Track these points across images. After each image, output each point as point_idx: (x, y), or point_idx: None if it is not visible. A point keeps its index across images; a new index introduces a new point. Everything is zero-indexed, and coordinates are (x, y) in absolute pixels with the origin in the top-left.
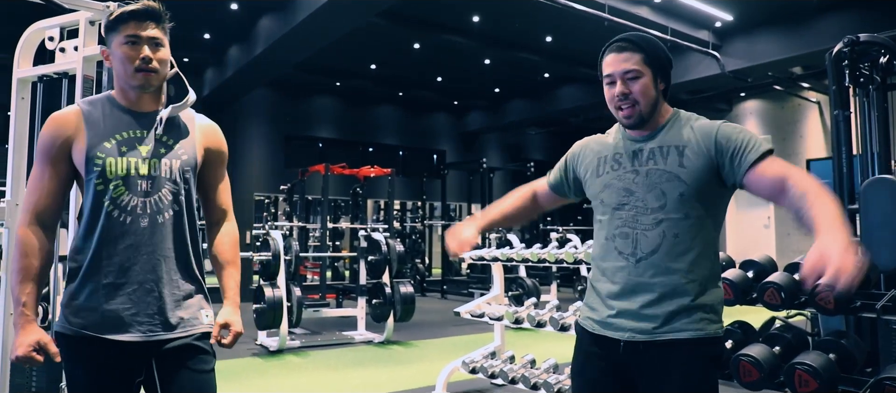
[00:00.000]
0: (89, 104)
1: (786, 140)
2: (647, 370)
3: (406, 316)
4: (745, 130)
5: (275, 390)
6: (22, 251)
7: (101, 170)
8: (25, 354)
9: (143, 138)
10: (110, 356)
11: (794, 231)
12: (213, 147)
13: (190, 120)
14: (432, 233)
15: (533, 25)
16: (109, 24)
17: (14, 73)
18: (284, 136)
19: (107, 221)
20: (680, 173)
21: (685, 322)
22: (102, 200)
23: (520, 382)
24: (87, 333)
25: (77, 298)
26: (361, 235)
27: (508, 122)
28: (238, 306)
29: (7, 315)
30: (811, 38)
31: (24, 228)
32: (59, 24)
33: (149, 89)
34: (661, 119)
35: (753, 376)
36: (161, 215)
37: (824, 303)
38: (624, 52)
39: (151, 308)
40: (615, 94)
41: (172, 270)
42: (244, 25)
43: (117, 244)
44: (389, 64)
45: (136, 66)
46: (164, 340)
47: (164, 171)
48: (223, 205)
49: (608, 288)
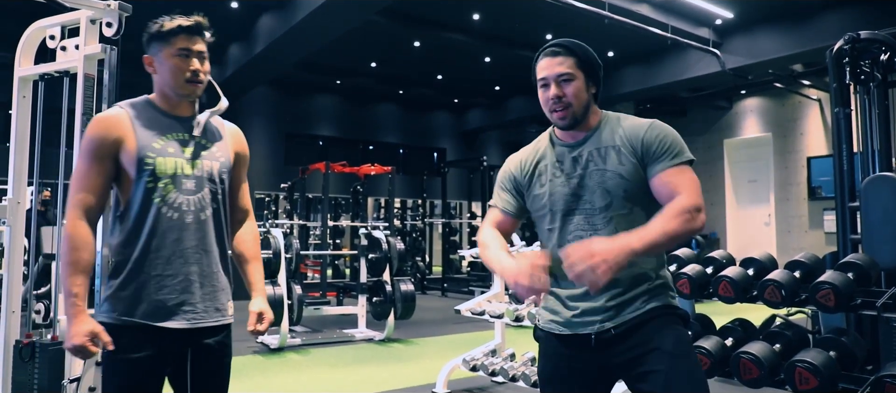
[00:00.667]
0: (133, 107)
1: (786, 138)
2: (622, 351)
3: (406, 314)
4: (668, 136)
5: (276, 388)
6: (72, 245)
7: (151, 169)
8: (81, 343)
9: (186, 140)
10: (153, 344)
11: (794, 229)
12: (241, 151)
13: (220, 124)
14: (433, 231)
15: (533, 23)
16: (160, 35)
17: (15, 71)
18: (285, 135)
19: (156, 217)
20: (621, 171)
21: (647, 300)
22: (152, 197)
23: (520, 380)
24: (135, 321)
25: (125, 289)
26: (362, 233)
27: (509, 120)
28: (266, 297)
29: (9, 313)
30: (812, 36)
31: (74, 223)
32: (60, 22)
33: (193, 98)
34: (594, 121)
35: (754, 374)
36: (203, 213)
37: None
38: (557, 56)
39: (194, 298)
40: (549, 97)
41: (213, 263)
42: (244, 24)
43: (165, 238)
44: (390, 62)
45: (186, 77)
46: (204, 328)
47: (205, 172)
48: (245, 205)
49: (569, 291)
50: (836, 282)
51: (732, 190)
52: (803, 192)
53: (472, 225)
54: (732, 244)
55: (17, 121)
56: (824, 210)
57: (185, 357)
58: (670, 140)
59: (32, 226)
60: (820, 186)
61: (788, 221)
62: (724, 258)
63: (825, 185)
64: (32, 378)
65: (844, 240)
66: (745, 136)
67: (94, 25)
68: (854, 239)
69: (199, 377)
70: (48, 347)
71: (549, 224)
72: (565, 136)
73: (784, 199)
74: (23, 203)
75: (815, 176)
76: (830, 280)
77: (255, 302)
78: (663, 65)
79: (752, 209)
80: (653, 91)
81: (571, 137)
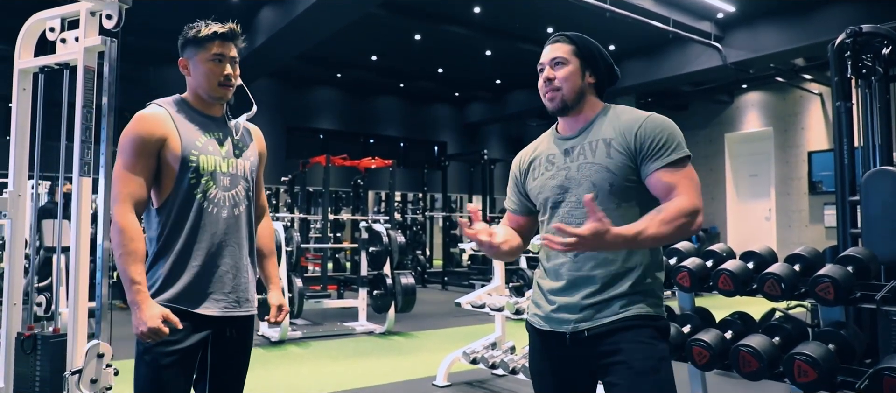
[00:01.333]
0: (171, 106)
1: (787, 132)
2: (595, 355)
3: (407, 307)
4: (663, 131)
5: (277, 381)
6: (128, 236)
7: (195, 166)
8: (156, 326)
9: (222, 139)
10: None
11: (795, 223)
12: (263, 151)
13: (247, 126)
14: (433, 224)
15: (534, 16)
16: (196, 41)
17: (15, 64)
18: (286, 128)
19: (198, 211)
20: (608, 165)
21: (625, 305)
22: (194, 192)
23: (520, 373)
24: (176, 305)
25: (169, 278)
26: (362, 226)
27: (510, 113)
28: (281, 290)
29: (11, 305)
30: (813, 30)
31: (125, 216)
32: (60, 14)
33: (224, 100)
34: (591, 113)
35: (753, 366)
36: (237, 208)
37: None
38: (556, 43)
39: (227, 287)
40: (543, 80)
41: (245, 256)
42: (245, 17)
43: (205, 231)
44: (390, 55)
45: (220, 81)
46: (236, 317)
47: (240, 170)
48: (263, 202)
49: (550, 284)
50: (835, 275)
51: (733, 184)
52: (804, 187)
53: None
54: (733, 238)
55: (17, 114)
56: (825, 204)
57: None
58: (666, 135)
59: (34, 219)
60: (821, 181)
61: (789, 216)
62: (724, 252)
63: (826, 179)
64: (34, 370)
65: (844, 234)
66: (746, 130)
67: (93, 17)
68: (854, 233)
69: (221, 363)
70: (50, 339)
71: (541, 216)
72: (564, 128)
73: (785, 193)
74: (24, 196)
75: (815, 170)
76: (830, 274)
77: (274, 295)
78: (664, 59)
79: (752, 203)
80: (654, 85)
81: (569, 130)
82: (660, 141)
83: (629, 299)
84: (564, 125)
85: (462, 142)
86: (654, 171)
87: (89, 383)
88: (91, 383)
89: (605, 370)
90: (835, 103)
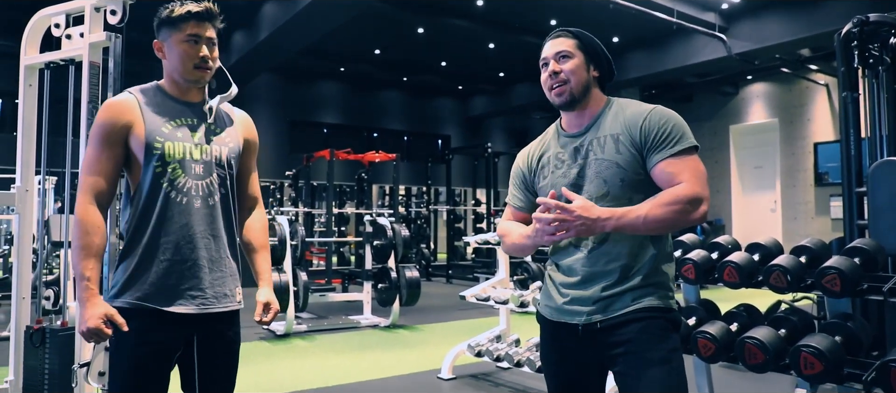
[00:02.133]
0: (142, 92)
1: (793, 123)
2: (606, 346)
3: (411, 300)
4: (668, 122)
5: (282, 374)
6: (84, 229)
7: (160, 153)
8: (96, 326)
9: (195, 125)
10: (161, 328)
11: (801, 215)
12: (250, 137)
13: (230, 110)
14: (437, 218)
15: (538, 8)
16: (170, 21)
17: (21, 60)
18: (289, 122)
19: (165, 201)
20: (618, 160)
21: (637, 297)
22: (161, 181)
23: (525, 365)
24: (145, 305)
25: (135, 273)
26: (367, 220)
27: (514, 106)
28: (272, 287)
29: (20, 299)
30: (820, 20)
31: (85, 207)
32: (64, 10)
33: (201, 84)
34: (596, 108)
35: (758, 359)
36: (212, 198)
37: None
38: (559, 38)
39: (204, 283)
40: (548, 74)
41: (222, 248)
42: (248, 11)
43: (174, 223)
44: (394, 48)
45: (195, 63)
46: (211, 315)
47: (214, 157)
48: (254, 193)
49: (563, 279)
50: (842, 267)
51: (738, 176)
52: (810, 179)
53: (476, 212)
54: (738, 231)
55: (23, 109)
56: (831, 196)
57: (192, 343)
58: (671, 127)
59: (41, 214)
60: (827, 172)
61: (795, 208)
62: (729, 244)
63: (832, 170)
64: (43, 363)
65: (851, 225)
66: (752, 121)
67: (98, 13)
68: (861, 225)
69: (207, 362)
70: (58, 332)
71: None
72: (569, 125)
73: (790, 185)
74: (31, 191)
75: (822, 162)
76: (836, 265)
77: (262, 292)
78: (669, 50)
79: (757, 195)
80: (658, 77)
81: (575, 127)
82: (664, 132)
83: (641, 292)
84: (570, 121)
85: (466, 135)
86: (658, 162)
87: (97, 376)
88: (99, 376)
89: (615, 361)
90: (841, 94)
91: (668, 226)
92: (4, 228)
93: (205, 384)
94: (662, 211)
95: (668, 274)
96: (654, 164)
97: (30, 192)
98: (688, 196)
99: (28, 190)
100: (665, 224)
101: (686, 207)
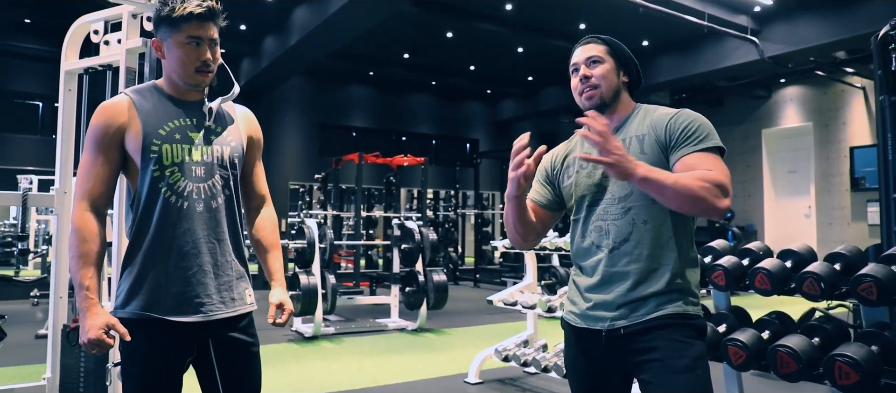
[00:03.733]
0: (137, 94)
1: (828, 127)
2: (631, 352)
3: (439, 304)
4: (694, 121)
5: (310, 376)
6: (81, 237)
7: (157, 157)
8: (97, 337)
9: (194, 127)
10: (168, 337)
11: (836, 221)
12: (254, 135)
13: (231, 108)
14: (465, 222)
15: (567, 12)
16: (169, 20)
17: (62, 65)
18: (319, 125)
19: (164, 206)
20: (642, 160)
21: (662, 303)
22: (159, 186)
23: (552, 371)
24: (149, 314)
25: (138, 282)
26: (395, 223)
27: (542, 110)
28: (285, 287)
29: (57, 298)
30: (856, 21)
31: (81, 214)
32: (103, 17)
33: (202, 87)
34: (625, 112)
35: (791, 367)
36: (215, 200)
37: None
38: (589, 44)
39: (209, 289)
40: (579, 79)
41: (227, 252)
42: (279, 16)
43: (176, 228)
44: (423, 52)
45: (197, 67)
46: (220, 321)
47: (216, 158)
48: (261, 191)
49: (586, 282)
50: (879, 275)
51: (770, 181)
52: (846, 184)
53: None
54: (770, 237)
55: (63, 113)
56: (868, 202)
57: (208, 349)
58: (697, 125)
59: None
60: (863, 177)
61: (829, 213)
62: (761, 250)
63: (869, 175)
64: (79, 362)
65: (888, 232)
66: (785, 125)
67: (135, 20)
68: None
69: (228, 369)
70: None
71: (575, 215)
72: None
73: (825, 190)
74: (69, 193)
75: (858, 166)
76: (873, 273)
77: (275, 293)
78: (700, 53)
79: (791, 201)
80: (689, 80)
81: None
82: (690, 130)
83: (666, 298)
84: None
85: (494, 139)
86: (682, 157)
87: None
88: None
89: (640, 368)
90: (878, 97)
91: (693, 200)
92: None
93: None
94: (692, 182)
95: (692, 279)
96: (678, 158)
97: (68, 194)
98: (717, 181)
99: (66, 192)
100: (690, 196)
101: (714, 190)
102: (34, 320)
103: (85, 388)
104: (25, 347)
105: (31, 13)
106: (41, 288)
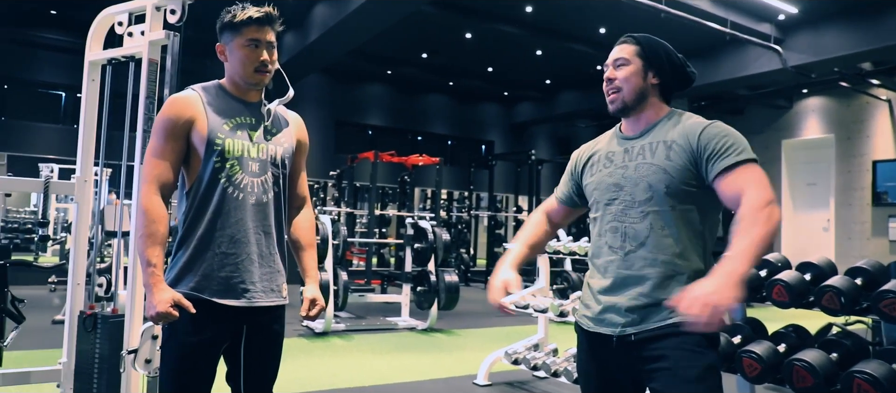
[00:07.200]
0: (205, 90)
1: (851, 139)
2: (641, 359)
3: (450, 304)
4: (729, 135)
5: (319, 371)
6: (149, 218)
7: (220, 149)
8: (165, 310)
9: (254, 125)
10: (212, 318)
11: (856, 235)
12: (303, 139)
13: (285, 112)
14: (478, 223)
15: (586, 16)
16: (231, 25)
17: (86, 56)
18: (335, 122)
19: (222, 195)
20: (666, 166)
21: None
22: (219, 176)
23: (562, 376)
24: (198, 295)
25: (190, 264)
26: (408, 222)
27: (559, 113)
28: (318, 284)
29: (75, 285)
30: (882, 32)
31: (149, 196)
32: (127, 9)
33: (261, 86)
34: (655, 116)
35: (807, 382)
36: (266, 195)
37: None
38: (622, 44)
39: (254, 276)
40: (605, 80)
41: (272, 244)
42: (299, 13)
43: (230, 217)
44: (440, 53)
45: (256, 67)
46: (260, 308)
47: (270, 156)
48: (303, 192)
49: (599, 284)
50: None
51: (790, 193)
52: (867, 197)
53: (517, 219)
54: (788, 249)
55: (86, 103)
56: (890, 217)
57: (241, 334)
58: (731, 139)
59: (97, 203)
60: (886, 192)
61: (849, 227)
62: (779, 262)
63: (891, 190)
64: (94, 347)
65: None
66: (806, 136)
67: (158, 12)
68: None
69: (253, 355)
70: (109, 318)
71: (594, 213)
72: (626, 129)
73: (845, 203)
74: (89, 181)
75: (880, 180)
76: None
77: (309, 288)
78: (721, 61)
79: (809, 213)
80: (709, 88)
81: (632, 130)
82: (725, 143)
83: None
84: (627, 125)
85: (509, 141)
86: (721, 176)
87: (144, 363)
88: (145, 363)
89: (651, 376)
90: None
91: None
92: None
93: (249, 376)
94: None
95: None
96: (717, 176)
97: (89, 183)
98: (763, 202)
99: (87, 180)
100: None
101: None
102: (51, 306)
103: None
104: (42, 332)
105: (56, 5)
106: (59, 275)
